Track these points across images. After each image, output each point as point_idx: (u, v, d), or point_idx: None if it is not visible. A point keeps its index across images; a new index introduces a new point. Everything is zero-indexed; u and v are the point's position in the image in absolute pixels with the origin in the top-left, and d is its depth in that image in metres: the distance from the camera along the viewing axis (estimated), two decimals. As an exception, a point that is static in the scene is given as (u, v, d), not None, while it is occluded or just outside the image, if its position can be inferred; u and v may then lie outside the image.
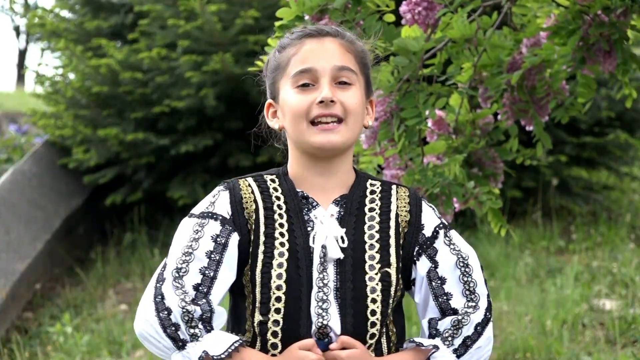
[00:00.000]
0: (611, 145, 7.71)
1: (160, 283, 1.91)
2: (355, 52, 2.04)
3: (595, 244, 6.62)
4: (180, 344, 1.89)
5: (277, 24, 2.57)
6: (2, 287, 5.73)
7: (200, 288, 1.91)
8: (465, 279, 2.01)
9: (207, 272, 1.92)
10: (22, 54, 26.13)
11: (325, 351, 1.92)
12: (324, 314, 1.93)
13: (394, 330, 2.01)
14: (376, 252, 1.97)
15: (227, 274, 1.95)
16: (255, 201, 1.99)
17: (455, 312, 2.00)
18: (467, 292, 2.00)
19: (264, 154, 6.65)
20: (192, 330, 1.88)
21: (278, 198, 2.01)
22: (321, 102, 1.96)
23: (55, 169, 7.51)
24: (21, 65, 25.09)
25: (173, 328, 1.88)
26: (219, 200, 2.00)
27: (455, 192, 2.64)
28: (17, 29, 25.72)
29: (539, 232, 6.87)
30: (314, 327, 1.93)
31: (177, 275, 1.90)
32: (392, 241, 1.99)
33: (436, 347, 1.95)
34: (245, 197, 1.99)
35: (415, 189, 2.11)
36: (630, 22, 2.77)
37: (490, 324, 2.00)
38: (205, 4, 6.78)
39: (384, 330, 1.98)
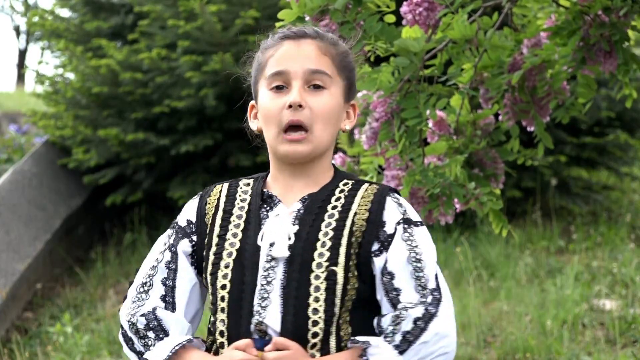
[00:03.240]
0: (611, 145, 7.71)
1: (123, 301, 2.03)
2: (333, 54, 2.02)
3: (595, 244, 6.62)
4: (140, 356, 1.98)
5: (277, 24, 2.57)
6: (2, 287, 5.73)
7: (166, 299, 2.00)
8: (417, 274, 1.94)
9: (167, 282, 2.01)
10: (22, 54, 26.13)
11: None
12: (262, 311, 1.92)
13: (349, 330, 1.96)
14: (326, 251, 1.94)
15: (184, 281, 2.02)
16: (217, 206, 2.04)
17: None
18: (420, 288, 1.94)
19: (264, 153, 6.65)
20: (143, 341, 1.96)
21: (244, 200, 2.03)
22: (290, 106, 1.96)
23: (55, 169, 7.52)
24: (21, 65, 25.09)
25: (131, 342, 1.99)
26: (185, 208, 2.07)
27: (456, 192, 2.64)
28: (17, 29, 25.72)
29: (539, 232, 6.87)
30: (252, 325, 1.93)
31: (142, 290, 2.01)
32: (344, 240, 1.95)
33: (367, 343, 1.89)
34: (209, 203, 2.05)
35: (387, 187, 2.05)
36: (630, 22, 2.77)
37: (438, 320, 1.91)
38: (205, 4, 6.78)
39: (333, 330, 1.94)
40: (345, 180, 2.05)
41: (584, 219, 7.41)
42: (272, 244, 1.95)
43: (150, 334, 1.96)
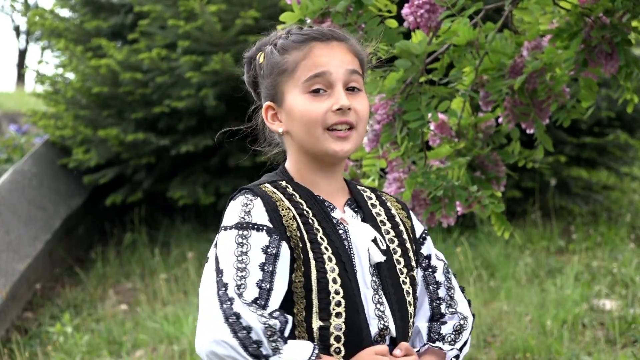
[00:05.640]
0: (611, 145, 7.71)
1: (229, 303, 1.85)
2: (359, 55, 2.04)
3: (595, 244, 6.63)
4: None
5: (279, 27, 2.57)
6: (2, 287, 5.73)
7: (258, 301, 1.87)
8: (448, 284, 2.09)
9: (263, 284, 1.88)
10: (22, 54, 26.13)
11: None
12: (383, 316, 1.95)
13: None
14: (399, 257, 2.02)
15: (282, 284, 1.91)
16: (288, 208, 1.97)
17: (442, 316, 2.08)
18: (448, 298, 2.08)
19: (262, 154, 6.64)
20: (273, 345, 1.84)
21: (300, 204, 1.99)
22: (339, 109, 1.95)
23: (55, 169, 7.52)
24: (21, 65, 25.10)
25: (255, 346, 1.83)
26: (254, 209, 1.95)
27: (458, 194, 2.64)
28: (17, 29, 25.72)
29: (539, 232, 6.88)
30: (375, 330, 1.94)
31: (238, 292, 1.86)
32: (409, 245, 2.04)
33: (457, 351, 2.04)
34: (280, 205, 1.96)
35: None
36: (631, 24, 2.77)
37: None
38: (205, 4, 6.78)
39: None
40: (358, 187, 2.12)
41: (584, 219, 7.42)
42: (368, 250, 1.98)
43: (280, 338, 1.85)
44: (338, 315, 1.91)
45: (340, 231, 1.97)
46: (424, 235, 2.11)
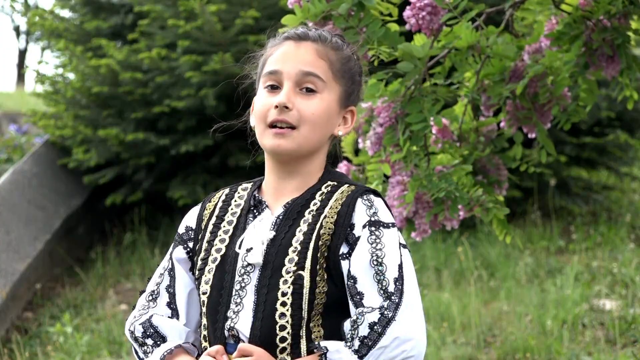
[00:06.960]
0: (611, 145, 7.71)
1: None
2: (332, 59, 2.00)
3: (595, 244, 6.63)
4: None
5: (280, 30, 2.56)
6: (2, 287, 5.73)
7: (171, 305, 2.05)
8: (379, 278, 1.90)
9: (169, 289, 2.06)
10: (22, 54, 26.11)
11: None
12: (234, 316, 1.94)
13: (322, 333, 1.94)
14: (296, 255, 1.93)
15: (183, 286, 2.06)
16: (212, 212, 2.06)
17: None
18: (382, 292, 1.89)
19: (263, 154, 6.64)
20: (143, 348, 2.02)
21: (238, 205, 2.04)
22: (277, 106, 1.96)
23: (55, 169, 7.52)
24: (21, 65, 25.10)
25: (134, 350, 2.05)
26: (187, 215, 2.11)
27: (461, 196, 2.63)
28: (17, 29, 25.71)
29: (539, 232, 6.88)
30: (226, 331, 1.95)
31: (150, 298, 2.07)
32: (312, 244, 1.93)
33: (325, 348, 1.88)
34: (207, 209, 2.08)
35: (363, 188, 2.00)
36: (630, 24, 2.77)
37: (396, 324, 1.86)
38: (205, 4, 6.78)
39: (302, 334, 1.93)
40: (328, 183, 2.02)
41: (584, 219, 7.42)
42: (249, 250, 1.96)
43: (149, 341, 2.01)
44: (203, 314, 2.00)
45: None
46: (362, 228, 1.94)
